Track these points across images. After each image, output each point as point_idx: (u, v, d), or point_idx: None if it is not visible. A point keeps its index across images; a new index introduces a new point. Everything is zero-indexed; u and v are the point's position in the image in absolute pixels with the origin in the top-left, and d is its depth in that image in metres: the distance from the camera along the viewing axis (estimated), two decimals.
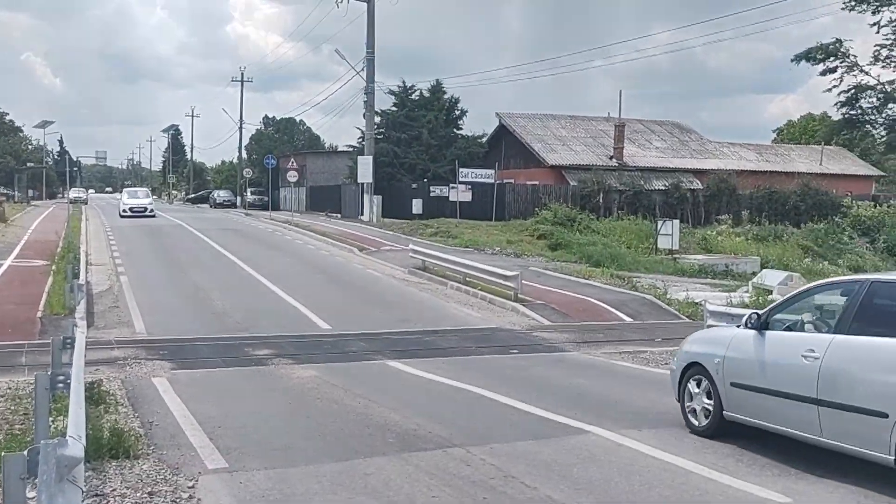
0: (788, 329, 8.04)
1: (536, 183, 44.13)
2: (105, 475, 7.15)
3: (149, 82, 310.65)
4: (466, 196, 41.31)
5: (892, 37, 52.68)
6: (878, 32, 53.31)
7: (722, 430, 8.51)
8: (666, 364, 13.51)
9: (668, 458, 7.76)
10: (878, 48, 53.43)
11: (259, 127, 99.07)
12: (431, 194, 43.11)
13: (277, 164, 60.44)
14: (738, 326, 8.65)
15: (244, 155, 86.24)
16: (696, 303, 19.94)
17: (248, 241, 33.97)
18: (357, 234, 36.33)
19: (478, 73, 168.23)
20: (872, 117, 56.79)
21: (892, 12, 52.23)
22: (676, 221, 36.26)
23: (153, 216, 47.29)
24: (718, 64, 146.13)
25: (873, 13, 53.01)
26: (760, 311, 8.60)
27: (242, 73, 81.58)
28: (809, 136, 66.35)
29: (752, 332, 8.26)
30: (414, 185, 44.71)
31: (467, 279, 22.31)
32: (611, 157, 46.74)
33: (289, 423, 9.20)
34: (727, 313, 14.36)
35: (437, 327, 16.73)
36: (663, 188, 43.82)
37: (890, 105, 54.88)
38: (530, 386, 11.42)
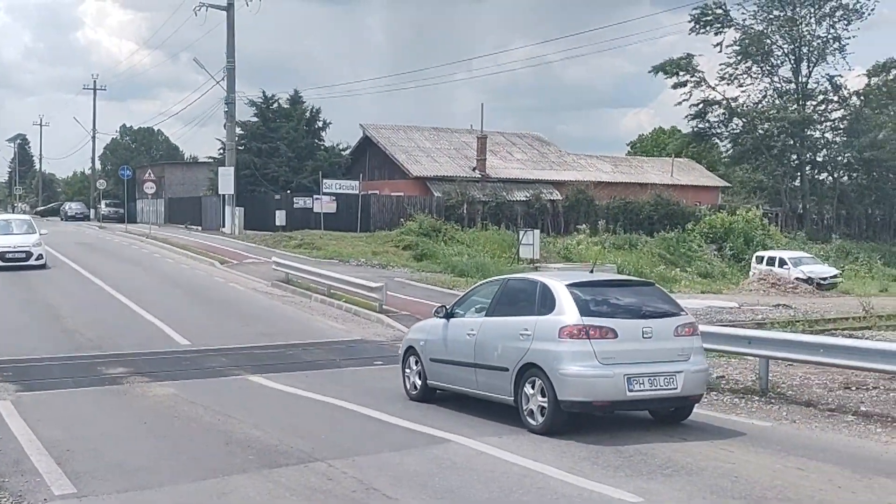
0: (463, 316, 10.58)
1: (401, 194, 44.32)
2: None
3: None
4: (331, 207, 41.04)
5: (735, 56, 55.86)
6: (720, 52, 56.52)
7: (427, 395, 10.94)
8: None
9: (527, 464, 7.92)
10: (723, 66, 56.58)
11: (114, 137, 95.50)
12: (295, 206, 42.60)
13: (134, 175, 58.30)
14: (438, 316, 10.90)
15: (98, 166, 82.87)
16: None
17: (102, 256, 32.61)
18: (218, 246, 35.47)
19: (341, 84, 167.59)
20: (719, 131, 60.03)
21: (735, 32, 55.43)
22: (537, 231, 37.20)
23: (42, 265, 27.11)
24: (576, 78, 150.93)
25: (716, 34, 56.17)
26: (448, 306, 11.01)
27: (95, 81, 78.37)
28: (661, 148, 69.35)
29: (443, 320, 10.76)
30: (277, 197, 44.07)
31: (332, 291, 22.15)
32: (474, 169, 47.47)
33: (144, 444, 8.88)
34: None
35: (301, 340, 16.52)
36: (525, 199, 44.84)
37: (734, 120, 58.11)
38: (394, 397, 11.42)
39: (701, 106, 57.62)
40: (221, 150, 48.54)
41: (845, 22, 54.61)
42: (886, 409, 10.41)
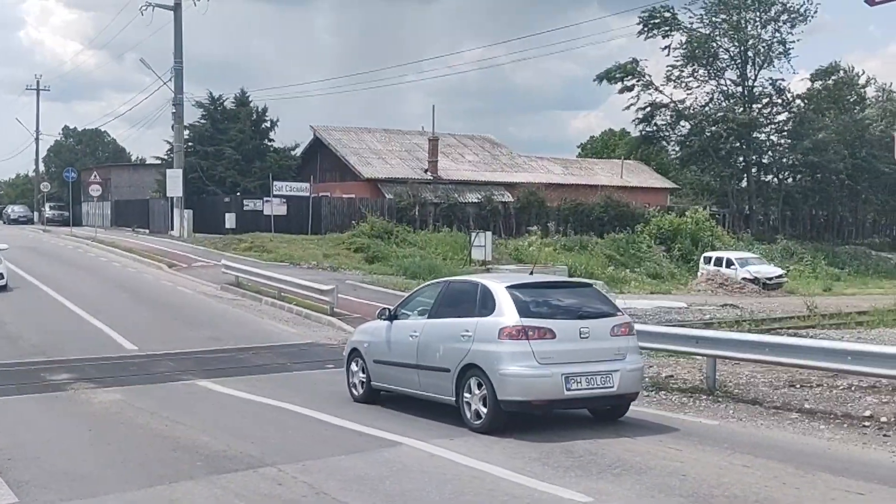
0: (406, 318, 10.66)
1: (353, 196, 44.16)
2: None
3: None
4: (281, 210, 40.72)
5: (682, 60, 56.64)
6: (668, 55, 57.27)
7: (371, 396, 11.03)
8: None
9: (479, 466, 7.92)
10: (670, 69, 57.33)
11: (58, 138, 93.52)
12: (245, 208, 42.19)
13: (79, 177, 57.23)
14: (381, 318, 11.03)
15: (42, 168, 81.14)
16: None
17: (46, 260, 31.94)
18: (166, 249, 34.96)
19: (292, 86, 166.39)
20: (667, 134, 60.77)
21: (682, 35, 56.18)
22: (489, 233, 37.36)
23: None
24: (525, 81, 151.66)
25: (664, 37, 56.89)
26: (392, 308, 11.09)
27: (38, 82, 76.71)
28: (611, 150, 70.05)
29: (386, 322, 10.84)
30: (227, 199, 43.60)
31: (282, 294, 21.98)
32: (425, 171, 47.47)
33: (89, 451, 8.71)
34: None
35: (251, 344, 16.37)
36: (476, 201, 44.97)
37: (682, 122, 58.90)
38: (345, 400, 11.36)
39: (648, 109, 58.27)
40: (169, 152, 47.80)
41: (789, 26, 55.72)
42: (829, 407, 10.62)
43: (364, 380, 11.11)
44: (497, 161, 52.91)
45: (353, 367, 11.38)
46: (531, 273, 11.79)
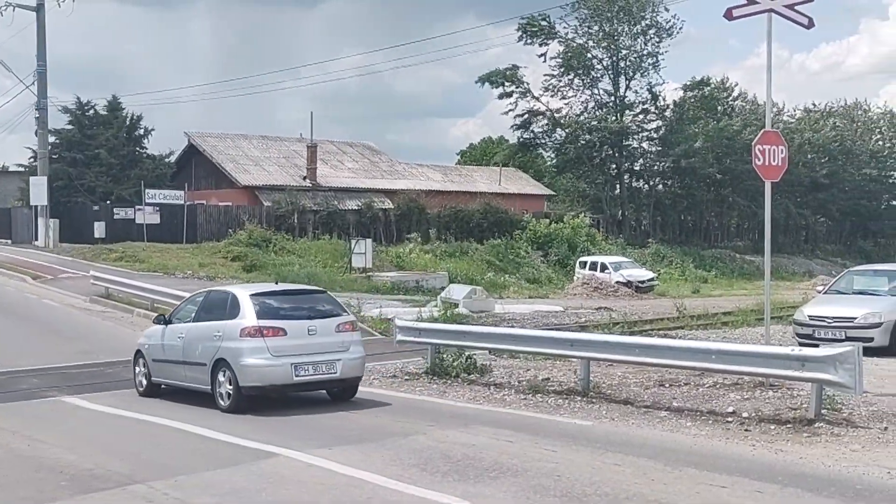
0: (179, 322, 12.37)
1: (230, 204, 43.23)
2: None
3: None
4: (154, 218, 39.44)
5: (558, 69, 58.04)
6: (545, 62, 58.59)
7: (153, 391, 12.47)
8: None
9: (357, 474, 7.87)
10: (547, 78, 58.66)
11: None
12: (116, 217, 40.64)
13: None
14: (158, 323, 12.74)
15: None
16: (389, 319, 20.51)
17: None
18: (30, 260, 33.35)
19: (166, 91, 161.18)
20: (543, 141, 62.12)
21: (560, 44, 57.57)
22: (370, 240, 37.24)
23: None
24: (405, 88, 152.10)
25: (541, 45, 58.20)
26: (167, 314, 12.94)
27: None
28: (489, 158, 71.02)
29: (161, 326, 12.50)
30: (96, 208, 41.90)
31: (155, 305, 21.30)
32: (304, 178, 46.96)
33: None
34: (415, 328, 14.91)
35: (122, 357, 15.66)
36: (356, 208, 44.76)
37: (558, 130, 60.32)
38: (222, 413, 11.10)
39: (526, 116, 59.42)
40: (33, 159, 45.60)
41: (658, 39, 57.86)
42: (696, 404, 11.06)
43: (146, 375, 12.59)
44: (377, 168, 52.87)
45: (138, 366, 12.85)
46: (276, 283, 14.00)
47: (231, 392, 10.99)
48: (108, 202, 42.41)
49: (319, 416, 10.92)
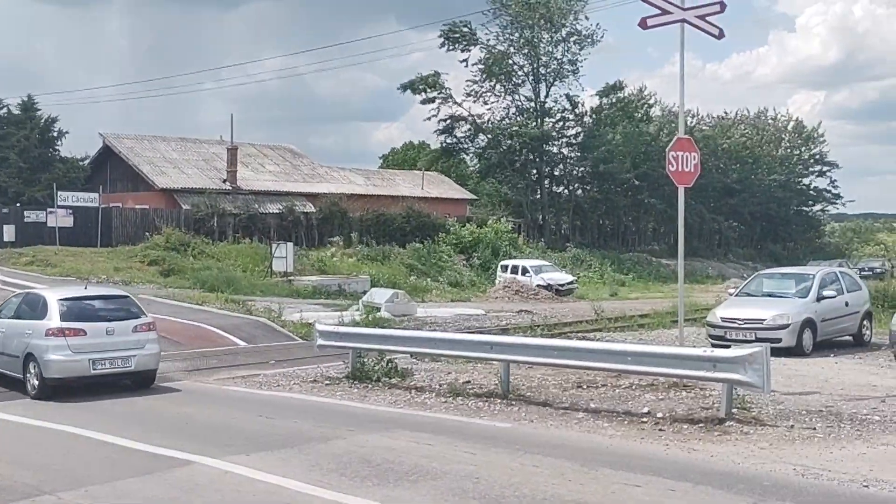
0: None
1: (147, 207, 42.27)
2: None
3: None
4: (67, 221, 38.25)
5: (480, 75, 58.48)
6: (467, 67, 59.00)
7: None
8: (278, 386, 13.67)
9: (275, 481, 7.79)
10: (470, 84, 59.05)
11: None
12: (26, 220, 39.31)
13: None
14: None
15: None
16: (310, 323, 20.37)
17: None
18: None
19: (80, 91, 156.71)
20: (466, 146, 62.54)
21: (481, 51, 58.04)
22: (291, 244, 36.87)
23: None
24: (327, 91, 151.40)
25: (463, 51, 58.59)
26: None
27: None
28: (412, 162, 71.13)
29: None
30: (5, 210, 40.50)
31: None
32: (224, 181, 46.23)
33: None
34: (336, 332, 14.84)
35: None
36: (278, 211, 44.27)
37: (480, 135, 60.76)
38: (135, 421, 10.89)
39: (448, 121, 59.76)
40: None
41: (578, 46, 58.79)
42: (612, 405, 11.28)
43: None
44: (299, 171, 52.39)
45: None
46: (85, 287, 15.28)
47: (37, 383, 12.71)
48: (18, 205, 41.06)
49: (236, 422, 10.79)
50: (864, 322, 17.92)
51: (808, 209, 76.92)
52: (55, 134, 47.06)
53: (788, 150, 73.54)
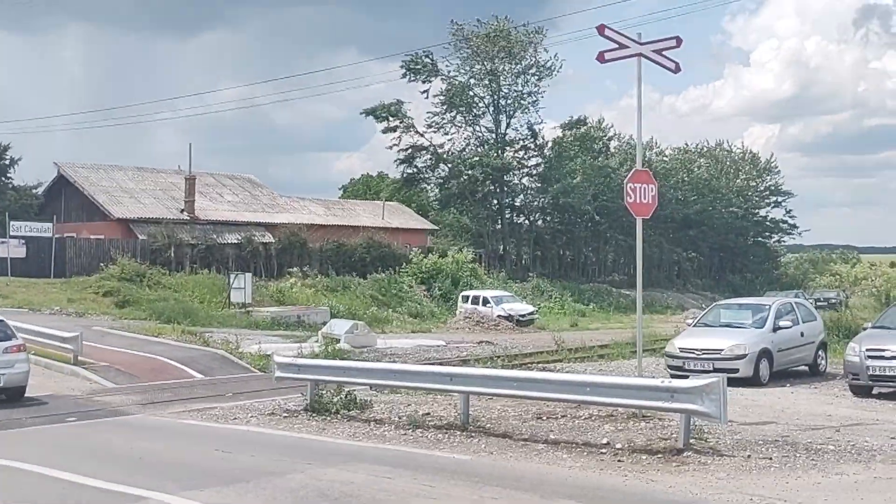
0: None
1: (102, 237, 41.68)
2: None
3: None
4: (20, 252, 37.61)
5: (441, 106, 58.83)
6: (427, 98, 59.33)
7: None
8: (235, 419, 13.47)
9: None
10: (431, 115, 59.35)
11: None
12: None
13: None
14: None
15: None
16: (268, 355, 20.14)
17: None
18: None
19: (34, 119, 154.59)
20: (427, 176, 62.72)
21: (442, 82, 58.44)
22: (249, 275, 36.55)
23: None
24: (286, 121, 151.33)
25: (424, 82, 58.93)
26: None
27: None
28: (373, 193, 71.14)
29: None
30: None
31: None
32: (182, 211, 45.79)
33: None
34: (294, 364, 14.68)
35: None
36: (236, 242, 43.92)
37: (441, 165, 61.01)
38: (89, 456, 10.64)
39: (410, 151, 59.93)
40: None
41: (538, 78, 59.43)
42: (572, 436, 11.26)
43: None
44: (258, 201, 52.10)
45: None
46: None
47: None
48: None
49: (192, 456, 10.60)
50: (819, 352, 18.15)
51: (766, 240, 78.13)
52: (7, 162, 46.35)
53: (745, 182, 74.77)
